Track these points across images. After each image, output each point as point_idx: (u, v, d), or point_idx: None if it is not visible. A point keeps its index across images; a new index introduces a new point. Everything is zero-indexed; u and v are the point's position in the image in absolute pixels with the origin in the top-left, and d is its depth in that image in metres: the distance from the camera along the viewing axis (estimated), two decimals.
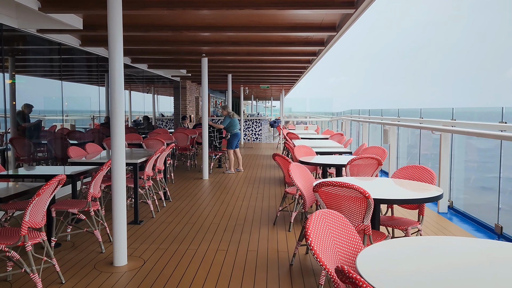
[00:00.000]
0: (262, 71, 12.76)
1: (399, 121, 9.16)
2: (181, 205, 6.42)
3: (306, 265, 3.96)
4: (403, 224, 3.68)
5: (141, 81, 12.76)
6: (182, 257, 4.14)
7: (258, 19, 5.99)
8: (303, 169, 4.34)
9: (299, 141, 8.41)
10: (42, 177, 4.64)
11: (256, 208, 6.22)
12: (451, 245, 2.20)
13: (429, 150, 8.57)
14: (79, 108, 8.87)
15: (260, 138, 18.81)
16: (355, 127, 13.49)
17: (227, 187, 7.92)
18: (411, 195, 3.51)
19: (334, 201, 3.25)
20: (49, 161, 7.40)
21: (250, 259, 4.08)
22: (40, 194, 3.14)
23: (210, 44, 7.81)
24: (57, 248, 4.37)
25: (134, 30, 6.37)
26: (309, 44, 7.63)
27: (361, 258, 1.88)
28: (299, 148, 6.14)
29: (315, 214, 2.17)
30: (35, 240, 3.27)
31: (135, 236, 4.83)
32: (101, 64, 8.99)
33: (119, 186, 3.90)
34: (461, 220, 5.62)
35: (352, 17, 5.23)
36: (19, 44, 6.50)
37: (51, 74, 7.48)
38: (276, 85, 19.30)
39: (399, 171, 4.26)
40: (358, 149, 6.80)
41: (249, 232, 4.98)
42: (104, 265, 3.93)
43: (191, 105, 17.32)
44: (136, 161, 5.27)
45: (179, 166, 10.80)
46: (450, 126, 6.30)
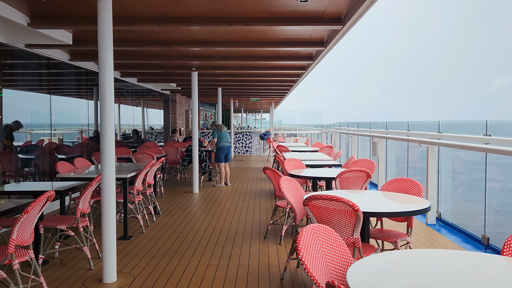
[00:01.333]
0: (252, 84, 12.85)
1: (387, 134, 9.28)
2: (171, 219, 6.39)
3: (297, 279, 3.95)
4: (392, 237, 3.72)
5: (130, 95, 12.74)
6: (173, 273, 4.11)
7: (248, 34, 6.07)
8: (293, 183, 4.36)
9: (289, 154, 8.46)
10: (30, 193, 4.60)
11: (247, 221, 6.21)
12: (440, 258, 2.23)
13: (417, 162, 8.67)
14: (67, 121, 8.82)
15: (250, 150, 18.84)
16: (344, 139, 13.60)
17: (217, 201, 7.90)
18: (399, 208, 3.55)
19: (324, 215, 3.27)
20: (36, 176, 7.31)
21: (241, 274, 4.07)
22: (28, 211, 3.11)
23: (200, 59, 7.87)
24: (44, 265, 4.30)
25: (124, 45, 6.39)
26: (298, 59, 7.73)
27: (351, 272, 1.90)
28: (289, 161, 6.17)
29: (306, 229, 2.19)
30: (23, 258, 3.23)
31: (125, 251, 4.78)
32: (90, 78, 8.98)
33: (109, 201, 3.87)
34: (449, 231, 5.68)
35: (340, 33, 5.33)
36: (7, 59, 6.47)
37: (39, 88, 7.44)
38: (266, 98, 19.42)
39: (388, 184, 4.31)
40: (347, 162, 6.86)
41: (240, 246, 4.96)
42: (93, 282, 3.88)
43: (181, 118, 17.31)
44: (125, 176, 5.25)
45: (169, 180, 10.74)
46: (436, 139, 6.40)
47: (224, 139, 9.65)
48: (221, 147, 9.61)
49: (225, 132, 9.70)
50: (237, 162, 15.50)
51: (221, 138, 9.62)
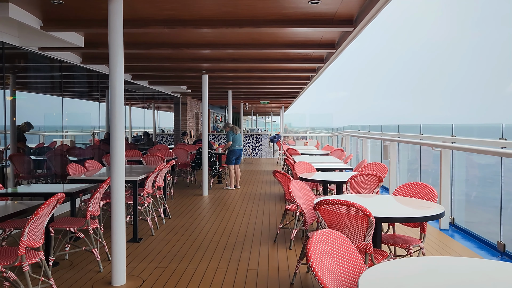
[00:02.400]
0: (262, 87, 12.83)
1: (399, 137, 9.17)
2: (180, 222, 6.37)
3: (307, 284, 3.90)
4: (405, 243, 3.65)
5: (141, 97, 12.81)
6: (182, 276, 4.09)
7: (258, 37, 6.04)
8: (303, 187, 4.32)
9: (299, 157, 8.40)
10: (41, 195, 4.62)
11: (256, 225, 6.17)
12: (454, 266, 2.17)
13: (430, 166, 8.55)
14: (79, 124, 8.89)
15: (260, 153, 18.81)
16: (355, 142, 13.49)
17: (227, 204, 7.87)
18: (412, 213, 3.48)
19: (335, 219, 3.22)
20: (48, 178, 7.37)
21: (251, 278, 4.03)
22: (38, 213, 3.12)
23: (210, 61, 7.87)
24: (55, 267, 4.31)
25: (135, 48, 6.42)
26: (309, 61, 7.69)
27: (363, 280, 1.85)
28: (299, 165, 6.12)
29: (316, 234, 2.15)
30: (33, 260, 3.23)
31: (134, 254, 4.77)
32: (102, 81, 9.04)
33: (118, 203, 3.87)
34: (463, 237, 5.57)
35: (351, 35, 5.28)
36: (20, 62, 6.54)
37: (52, 90, 7.51)
38: (276, 100, 19.39)
39: (400, 188, 4.24)
40: (359, 165, 6.78)
41: (249, 250, 4.92)
42: (102, 284, 3.87)
43: (191, 120, 17.36)
44: (135, 178, 5.25)
45: (179, 182, 10.76)
46: (450, 142, 6.30)
47: (237, 142, 9.63)
48: (233, 150, 9.59)
49: (239, 135, 9.67)
50: (247, 165, 15.48)
51: (234, 141, 9.59)
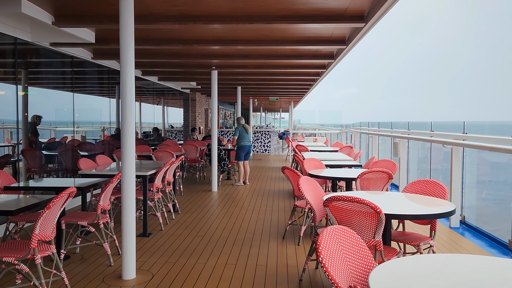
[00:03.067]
0: (272, 83, 12.80)
1: (409, 134, 9.10)
2: (190, 217, 6.41)
3: (316, 280, 3.90)
4: (415, 240, 3.62)
5: (151, 93, 12.87)
6: (191, 271, 4.11)
7: (268, 33, 6.03)
8: (312, 183, 4.31)
9: (309, 154, 8.38)
10: (53, 189, 4.67)
11: (265, 221, 6.18)
12: (465, 263, 2.15)
13: (440, 163, 8.47)
14: (90, 119, 8.97)
15: (269, 150, 18.80)
16: (364, 139, 13.42)
17: (236, 200, 7.89)
18: (423, 211, 3.46)
19: (345, 216, 3.21)
20: (59, 173, 7.45)
21: (259, 274, 4.04)
22: (50, 207, 3.15)
23: (220, 57, 7.87)
24: (66, 260, 4.37)
25: (145, 44, 6.44)
26: (319, 57, 7.65)
27: (374, 277, 1.84)
28: (308, 161, 6.11)
29: (326, 230, 2.15)
30: (45, 253, 3.27)
31: (144, 249, 4.81)
32: (112, 77, 9.10)
33: (129, 198, 3.90)
34: (473, 235, 5.51)
35: (362, 31, 5.24)
36: (32, 57, 6.60)
37: (63, 86, 7.58)
38: (285, 97, 19.34)
39: (410, 186, 4.21)
40: (368, 162, 6.75)
41: (258, 246, 4.93)
42: (113, 278, 3.91)
43: (200, 117, 17.41)
44: (145, 173, 5.28)
45: (188, 178, 10.80)
46: (461, 140, 6.23)
47: (246, 138, 9.67)
48: (242, 146, 9.62)
49: (245, 132, 9.70)
50: (256, 161, 15.49)
51: (243, 137, 9.64)
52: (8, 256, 3.10)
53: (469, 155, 6.68)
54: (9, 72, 5.88)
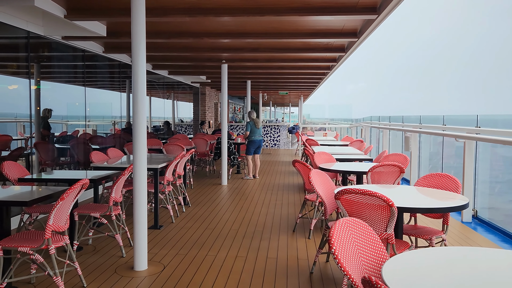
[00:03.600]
0: (281, 77, 12.76)
1: (421, 128, 9.01)
2: (200, 210, 6.44)
3: (327, 273, 3.90)
4: (427, 234, 3.60)
5: (161, 87, 12.91)
6: (202, 263, 4.14)
7: (278, 25, 5.99)
8: (323, 176, 4.29)
9: (319, 148, 8.35)
10: (66, 181, 4.73)
11: (275, 214, 6.19)
12: (478, 256, 2.13)
13: (452, 158, 8.38)
14: (101, 113, 9.03)
15: (278, 144, 18.78)
16: (375, 134, 13.32)
17: (245, 193, 7.90)
18: (435, 204, 3.43)
19: (356, 209, 3.20)
20: (71, 166, 7.53)
21: (270, 267, 4.05)
22: (64, 198, 3.19)
23: (230, 51, 7.86)
24: (79, 251, 4.43)
25: (155, 37, 6.45)
26: (329, 50, 7.59)
27: (387, 268, 1.83)
28: (319, 155, 6.09)
29: (339, 222, 2.14)
30: (59, 244, 3.32)
31: (155, 241, 4.85)
32: (123, 71, 9.14)
33: (140, 191, 3.93)
34: (486, 230, 5.46)
35: (374, 23, 5.19)
36: (44, 51, 6.66)
37: (74, 80, 7.64)
38: (295, 91, 19.27)
39: (422, 179, 4.17)
40: (379, 156, 6.70)
41: (268, 239, 4.94)
42: (125, 269, 3.96)
43: (210, 111, 17.43)
44: (156, 166, 5.31)
45: (198, 172, 10.85)
46: (474, 134, 6.16)
47: (257, 132, 9.67)
48: (253, 141, 9.63)
49: (256, 126, 9.70)
50: (265, 155, 15.48)
51: (255, 132, 9.65)
52: (23, 246, 3.14)
53: (482, 150, 6.60)
54: (22, 66, 5.94)
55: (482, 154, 6.59)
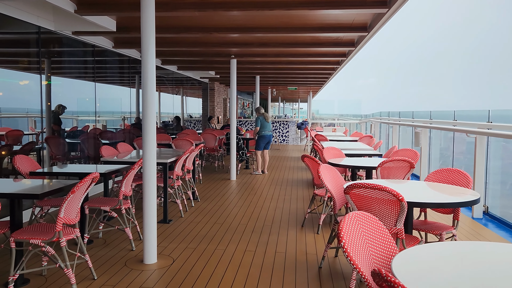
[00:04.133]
0: (290, 72, 12.72)
1: (431, 124, 8.93)
2: (209, 205, 6.46)
3: (336, 268, 3.89)
4: (437, 229, 3.57)
5: (170, 83, 12.95)
6: (211, 257, 4.16)
7: (287, 20, 5.97)
8: (333, 171, 4.28)
9: (328, 143, 8.32)
10: (76, 175, 4.77)
11: (284, 209, 6.19)
12: (490, 250, 2.11)
13: (463, 154, 8.30)
14: (110, 109, 9.09)
15: (287, 140, 18.75)
16: (384, 129, 13.24)
17: (254, 188, 7.91)
18: (446, 199, 3.39)
19: (366, 204, 3.18)
20: (82, 160, 7.60)
21: (278, 261, 4.05)
22: (74, 191, 3.22)
23: (239, 45, 7.85)
24: (89, 244, 4.47)
25: (165, 32, 6.47)
26: (339, 45, 7.54)
27: (397, 262, 1.82)
28: (328, 150, 6.07)
29: (348, 215, 2.13)
30: (69, 236, 3.35)
31: (165, 234, 4.88)
32: (133, 66, 9.18)
33: (150, 185, 3.95)
34: (497, 226, 5.40)
35: (385, 17, 5.13)
36: (55, 46, 6.71)
37: (85, 75, 7.69)
38: (304, 86, 19.20)
39: (433, 174, 4.14)
40: (389, 152, 6.66)
41: (277, 234, 4.95)
42: (135, 262, 3.99)
43: (219, 106, 17.46)
44: (166, 161, 5.34)
45: (207, 167, 10.88)
46: (486, 129, 6.08)
47: (267, 127, 9.65)
48: (263, 136, 9.61)
49: (266, 121, 9.68)
50: (274, 151, 15.47)
51: (264, 127, 9.62)
52: (35, 238, 3.18)
53: (494, 146, 6.52)
54: (33, 61, 5.99)
55: (493, 150, 6.52)
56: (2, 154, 5.67)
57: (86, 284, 3.47)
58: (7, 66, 5.74)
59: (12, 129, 5.93)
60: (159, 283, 3.51)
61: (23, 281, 3.45)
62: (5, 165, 5.69)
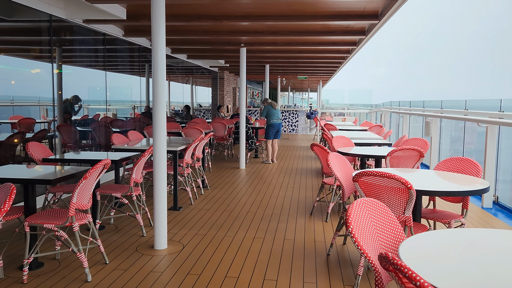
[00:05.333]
0: (300, 61, 12.64)
1: (442, 113, 8.84)
2: (218, 193, 6.52)
3: (344, 255, 3.92)
4: (446, 217, 3.57)
5: (180, 72, 12.98)
6: (220, 243, 4.21)
7: (298, 7, 5.92)
8: (342, 160, 4.28)
9: (337, 132, 8.30)
10: (88, 162, 4.85)
11: (293, 198, 6.22)
12: (498, 237, 2.11)
13: (473, 144, 8.23)
14: (120, 98, 9.15)
15: (296, 129, 18.72)
16: (394, 119, 13.14)
17: (263, 177, 7.95)
18: (455, 187, 3.39)
19: (374, 192, 3.19)
20: (93, 148, 7.69)
21: (287, 248, 4.09)
22: (87, 177, 3.28)
23: (249, 34, 7.82)
24: (101, 230, 4.56)
25: (175, 20, 6.47)
26: (350, 33, 7.48)
27: (404, 247, 1.84)
28: (337, 139, 6.06)
29: (357, 202, 2.15)
30: (82, 221, 3.42)
31: (175, 221, 4.95)
32: (143, 55, 9.22)
33: (160, 172, 4.00)
34: (507, 216, 5.38)
35: (396, 4, 5.07)
36: (66, 35, 6.76)
37: (95, 64, 7.74)
38: (314, 76, 19.08)
39: (442, 163, 4.12)
40: (399, 141, 6.63)
41: (285, 222, 4.99)
42: (146, 248, 4.06)
43: (228, 95, 17.46)
44: (175, 149, 5.39)
45: (216, 156, 10.94)
46: (497, 118, 6.02)
47: (275, 115, 9.59)
48: (272, 124, 9.57)
49: (274, 109, 9.64)
50: (284, 140, 15.48)
51: (272, 115, 9.56)
52: (48, 223, 3.26)
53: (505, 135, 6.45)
54: (45, 50, 6.05)
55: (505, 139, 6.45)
56: (15, 141, 5.77)
57: (98, 268, 3.55)
58: (19, 54, 5.80)
59: (24, 117, 6.02)
60: (170, 268, 3.58)
61: (37, 264, 3.54)
62: (18, 153, 5.79)
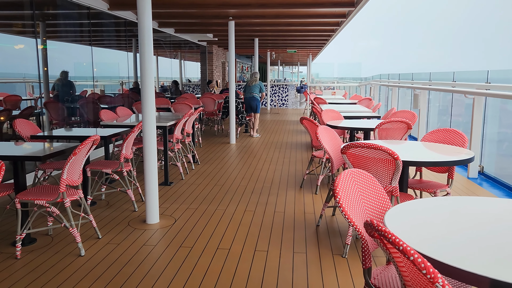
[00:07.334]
0: (290, 34, 12.51)
1: (430, 85, 8.90)
2: (209, 168, 6.56)
3: (333, 226, 4.02)
4: (432, 187, 3.66)
5: (168, 46, 12.77)
6: (211, 216, 4.28)
7: None
8: (331, 132, 4.32)
9: (327, 106, 8.33)
10: (77, 138, 4.82)
11: (283, 171, 6.29)
12: (482, 205, 2.18)
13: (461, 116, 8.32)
14: (108, 74, 9.02)
15: (286, 104, 18.70)
16: (384, 92, 13.19)
17: (253, 151, 8.00)
18: (440, 158, 3.45)
19: (362, 163, 3.25)
20: (81, 125, 7.63)
21: (277, 220, 4.17)
22: (76, 153, 3.28)
23: (237, 7, 7.69)
24: (92, 206, 4.58)
25: None
26: (339, 5, 7.39)
27: (389, 215, 1.90)
28: (326, 112, 6.09)
29: (344, 172, 2.19)
30: (73, 197, 3.44)
31: (166, 196, 4.99)
32: (129, 29, 9.03)
33: (150, 147, 4.00)
34: (491, 185, 5.51)
35: None
36: (49, 9, 6.58)
37: (81, 39, 7.58)
38: (303, 49, 18.93)
39: (429, 135, 4.19)
40: (387, 114, 6.69)
41: (276, 195, 5.06)
42: (138, 222, 4.11)
43: (217, 70, 17.29)
44: (165, 124, 5.37)
45: (206, 131, 10.93)
46: (484, 90, 6.08)
47: (247, 91, 9.82)
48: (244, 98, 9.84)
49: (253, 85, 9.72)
50: (273, 115, 15.47)
51: (245, 91, 9.85)
52: (40, 199, 3.27)
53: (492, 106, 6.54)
54: (28, 25, 5.90)
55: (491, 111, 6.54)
56: (1, 119, 5.69)
57: (91, 242, 3.60)
58: (1, 29, 5.65)
59: (9, 94, 5.93)
60: (162, 241, 3.64)
61: (30, 240, 3.57)
62: (5, 130, 5.73)
